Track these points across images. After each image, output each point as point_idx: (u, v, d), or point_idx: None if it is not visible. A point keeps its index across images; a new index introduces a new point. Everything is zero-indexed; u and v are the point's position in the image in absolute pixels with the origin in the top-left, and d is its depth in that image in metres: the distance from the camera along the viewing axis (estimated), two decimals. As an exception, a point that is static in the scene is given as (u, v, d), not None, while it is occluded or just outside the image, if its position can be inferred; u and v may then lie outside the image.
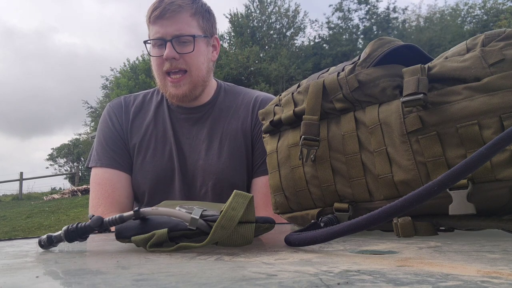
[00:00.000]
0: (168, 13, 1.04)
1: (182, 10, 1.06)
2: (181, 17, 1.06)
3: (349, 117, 0.62)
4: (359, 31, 22.54)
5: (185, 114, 1.17)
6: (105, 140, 1.18)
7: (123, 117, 1.19)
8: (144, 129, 1.17)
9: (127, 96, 1.25)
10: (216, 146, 1.13)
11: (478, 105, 0.50)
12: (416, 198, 0.39)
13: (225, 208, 0.47)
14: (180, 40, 1.06)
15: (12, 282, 0.32)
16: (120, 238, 0.53)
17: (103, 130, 1.19)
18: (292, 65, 19.99)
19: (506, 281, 0.26)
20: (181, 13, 1.06)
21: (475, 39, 0.56)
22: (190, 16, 1.07)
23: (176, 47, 1.06)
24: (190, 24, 1.07)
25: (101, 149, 1.17)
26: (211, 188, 1.11)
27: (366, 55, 0.62)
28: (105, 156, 1.16)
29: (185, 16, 1.07)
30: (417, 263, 0.34)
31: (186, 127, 1.17)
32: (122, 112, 1.20)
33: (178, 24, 1.05)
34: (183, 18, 1.06)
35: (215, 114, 1.17)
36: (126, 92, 19.83)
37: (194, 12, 1.08)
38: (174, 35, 1.05)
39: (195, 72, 1.09)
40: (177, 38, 1.05)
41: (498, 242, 0.47)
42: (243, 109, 1.20)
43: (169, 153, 1.14)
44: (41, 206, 10.76)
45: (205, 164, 1.12)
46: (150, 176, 1.13)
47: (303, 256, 0.41)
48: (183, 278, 0.31)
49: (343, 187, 0.62)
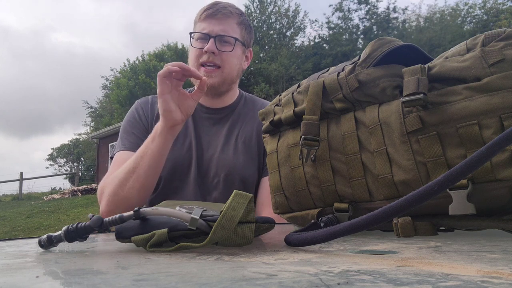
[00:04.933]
0: (219, 14, 1.19)
1: (232, 16, 1.21)
2: (229, 21, 1.20)
3: (349, 117, 0.62)
4: (359, 31, 22.56)
5: (208, 114, 1.28)
6: (130, 127, 1.25)
7: (148, 111, 1.28)
8: None
9: (154, 96, 1.34)
10: (232, 144, 1.24)
11: (478, 105, 0.50)
12: (416, 198, 0.39)
13: (225, 208, 0.47)
14: (222, 40, 1.18)
15: (12, 282, 0.32)
16: (120, 238, 0.53)
17: (129, 120, 1.27)
18: (292, 65, 20.00)
19: (506, 281, 0.26)
20: (230, 18, 1.21)
21: (475, 39, 0.56)
22: (236, 24, 1.22)
23: (218, 44, 1.18)
24: (234, 29, 1.21)
25: (125, 135, 1.23)
26: (223, 179, 1.19)
27: (366, 55, 0.62)
28: (128, 141, 1.22)
29: (233, 22, 1.21)
30: (417, 263, 0.34)
31: (207, 126, 1.27)
32: (149, 107, 1.29)
33: (225, 25, 1.19)
34: (231, 23, 1.21)
35: (235, 117, 1.29)
36: (126, 92, 19.84)
37: (240, 22, 1.23)
38: (218, 34, 1.18)
39: (228, 70, 1.20)
40: (221, 37, 1.18)
41: (498, 242, 0.47)
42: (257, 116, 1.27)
43: (188, 145, 1.23)
44: (41, 206, 10.76)
45: (220, 158, 1.21)
46: (169, 163, 1.18)
47: (303, 256, 0.41)
48: (183, 278, 0.31)
49: (343, 187, 0.62)
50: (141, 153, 1.04)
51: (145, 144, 1.05)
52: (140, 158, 1.04)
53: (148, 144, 1.04)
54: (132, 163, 1.05)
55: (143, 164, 1.03)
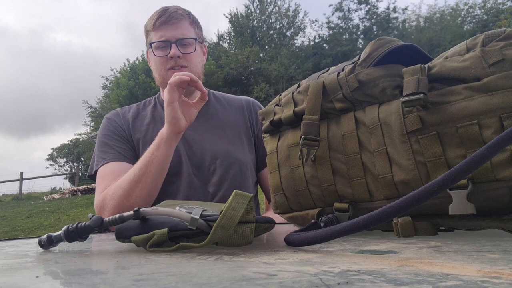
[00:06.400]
0: (172, 20, 1.25)
1: (183, 18, 1.28)
2: (182, 24, 1.27)
3: (349, 117, 0.62)
4: (359, 31, 22.57)
5: None
6: (109, 141, 1.26)
7: (123, 122, 1.31)
8: (145, 128, 1.29)
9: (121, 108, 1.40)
10: (220, 133, 1.28)
11: (478, 105, 0.50)
12: (416, 198, 0.39)
13: (225, 208, 0.47)
14: (183, 43, 1.26)
15: (12, 282, 0.32)
16: (120, 238, 0.53)
17: (105, 134, 1.28)
18: (292, 65, 20.01)
19: (506, 281, 0.26)
20: (183, 20, 1.28)
21: (475, 39, 0.56)
22: (189, 24, 1.29)
23: (180, 48, 1.25)
24: (190, 30, 1.29)
25: (105, 149, 1.23)
26: (219, 164, 1.22)
27: (366, 55, 0.62)
28: (110, 154, 1.22)
29: (186, 23, 1.28)
30: (417, 263, 0.34)
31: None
32: (120, 117, 1.33)
33: (181, 29, 1.26)
34: (185, 25, 1.28)
35: (211, 110, 1.33)
36: (126, 92, 19.85)
37: (192, 21, 1.31)
38: (178, 38, 1.25)
39: (194, 69, 1.28)
40: (181, 41, 1.25)
41: (498, 242, 0.47)
42: (236, 110, 1.37)
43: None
44: (41, 206, 10.75)
45: (212, 146, 1.24)
46: None
47: (303, 256, 0.41)
48: (183, 278, 0.31)
49: (343, 187, 0.62)
50: (146, 161, 1.05)
51: (149, 152, 1.06)
52: (145, 167, 1.05)
53: (154, 152, 1.05)
54: (136, 172, 1.06)
55: (150, 171, 1.04)
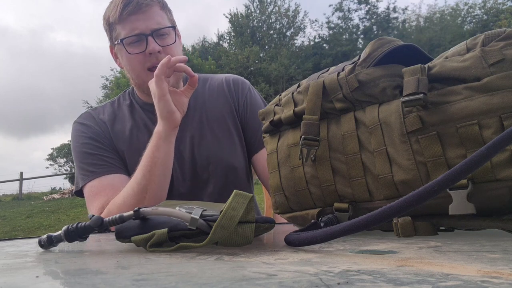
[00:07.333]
0: (142, 7, 1.01)
1: (153, 4, 1.03)
2: (154, 10, 1.03)
3: (349, 117, 0.62)
4: (359, 31, 22.57)
5: None
6: (90, 149, 1.08)
7: (98, 125, 1.13)
8: (128, 135, 1.12)
9: (92, 108, 1.20)
10: (206, 132, 1.12)
11: (478, 105, 0.50)
12: (416, 198, 0.39)
13: (225, 208, 0.47)
14: (160, 33, 1.03)
15: (12, 282, 0.32)
16: (120, 238, 0.53)
17: (82, 142, 1.09)
18: (292, 65, 20.01)
19: (506, 281, 0.26)
20: (154, 6, 1.03)
21: (475, 39, 0.56)
22: (160, 10, 1.05)
23: (157, 40, 1.02)
24: (163, 17, 1.05)
25: (90, 160, 1.06)
26: (213, 173, 1.09)
27: (366, 55, 0.62)
28: (99, 165, 1.05)
29: (157, 9, 1.04)
30: (417, 263, 0.34)
31: None
32: (96, 120, 1.14)
33: (155, 17, 1.02)
34: (157, 12, 1.03)
35: (190, 104, 1.11)
36: (126, 92, 19.79)
37: (162, 6, 1.06)
38: (153, 29, 1.01)
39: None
40: (157, 32, 1.02)
41: (498, 242, 0.47)
42: (218, 94, 1.18)
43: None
44: (41, 206, 10.75)
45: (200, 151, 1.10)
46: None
47: (303, 256, 0.41)
48: (183, 278, 0.31)
49: (343, 187, 0.62)
50: (148, 166, 0.94)
51: (149, 156, 0.95)
52: (149, 172, 0.94)
53: (154, 154, 0.94)
54: (139, 182, 0.94)
55: (155, 176, 0.94)
